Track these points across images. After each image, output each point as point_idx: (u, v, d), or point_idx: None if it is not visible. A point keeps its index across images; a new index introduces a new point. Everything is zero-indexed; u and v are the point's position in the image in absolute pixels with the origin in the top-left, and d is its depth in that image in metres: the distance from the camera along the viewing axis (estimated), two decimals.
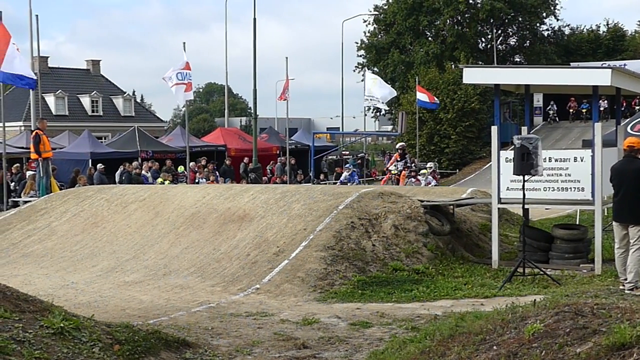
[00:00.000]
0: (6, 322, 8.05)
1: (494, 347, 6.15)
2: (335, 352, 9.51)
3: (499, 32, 63.26)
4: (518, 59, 64.86)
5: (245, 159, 38.74)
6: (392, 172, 28.68)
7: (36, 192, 23.78)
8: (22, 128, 52.65)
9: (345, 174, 29.71)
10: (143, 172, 31.25)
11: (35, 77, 23.61)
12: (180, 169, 30.85)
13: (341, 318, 11.53)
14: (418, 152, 47.87)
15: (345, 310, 12.14)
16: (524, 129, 17.08)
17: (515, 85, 18.58)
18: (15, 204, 24.08)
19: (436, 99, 45.33)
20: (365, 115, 62.26)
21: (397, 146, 30.01)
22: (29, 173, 26.33)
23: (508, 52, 65.17)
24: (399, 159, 28.32)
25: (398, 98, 57.49)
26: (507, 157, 15.61)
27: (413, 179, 27.46)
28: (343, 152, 47.00)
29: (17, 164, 29.72)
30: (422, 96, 44.31)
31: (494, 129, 16.22)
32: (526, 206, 15.29)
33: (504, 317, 6.88)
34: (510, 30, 64.96)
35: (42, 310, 8.72)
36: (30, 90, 23.52)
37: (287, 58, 44.89)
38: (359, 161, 44.49)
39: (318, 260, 14.60)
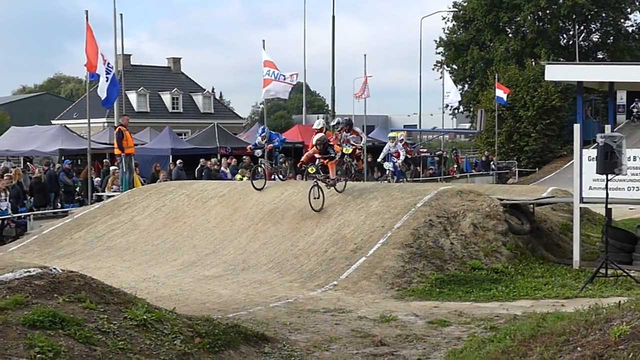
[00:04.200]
0: (92, 313, 8.27)
1: (578, 349, 6.04)
2: (413, 350, 9.48)
3: (581, 28, 61.90)
4: (601, 56, 63.31)
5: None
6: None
7: (119, 187, 24.30)
8: (105, 124, 53.83)
9: (388, 165, 24.22)
10: (222, 168, 31.61)
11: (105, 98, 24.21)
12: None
13: (419, 316, 11.48)
14: (497, 150, 47.23)
15: (423, 309, 12.09)
16: (607, 127, 16.69)
17: (599, 83, 18.21)
18: (99, 199, 24.65)
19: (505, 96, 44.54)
20: (444, 112, 61.74)
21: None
22: (112, 168, 26.91)
23: (590, 48, 63.69)
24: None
25: (477, 95, 56.82)
26: (589, 156, 15.30)
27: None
28: (420, 150, 46.65)
29: (106, 160, 30.41)
30: (501, 93, 43.72)
31: (577, 127, 15.91)
32: (609, 206, 14.95)
33: (588, 319, 6.74)
34: (593, 26, 63.48)
35: (125, 302, 8.92)
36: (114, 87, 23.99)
37: (365, 55, 44.85)
38: (437, 159, 44.11)
39: (396, 257, 14.56)
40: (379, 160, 22.43)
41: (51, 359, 7.22)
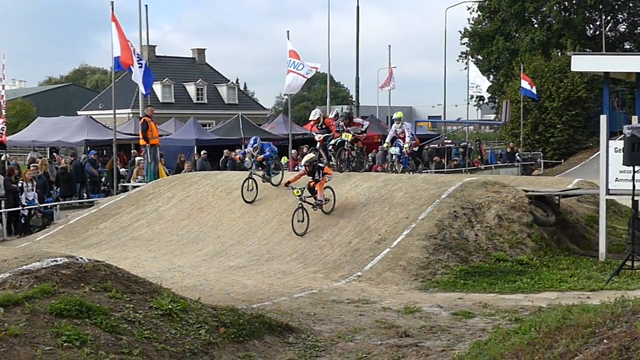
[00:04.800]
0: (118, 302, 8.34)
1: (604, 341, 6.00)
2: (437, 341, 9.47)
3: (608, 18, 61.29)
4: (628, 46, 62.63)
5: None
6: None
7: (144, 177, 24.44)
8: (131, 115, 54.13)
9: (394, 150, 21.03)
10: (246, 159, 31.63)
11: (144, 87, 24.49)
12: (284, 160, 31.14)
13: (443, 307, 11.47)
14: (522, 141, 46.95)
15: (447, 300, 12.07)
16: (635, 119, 16.54)
17: (626, 73, 18.02)
18: (125, 189, 24.80)
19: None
20: (468, 103, 61.43)
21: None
22: (137, 159, 27.07)
23: (617, 39, 63.04)
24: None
25: (502, 86, 56.41)
26: (616, 147, 15.16)
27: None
28: (445, 141, 46.45)
29: (134, 151, 30.61)
30: (526, 84, 43.43)
31: (603, 118, 15.77)
32: (636, 197, 14.82)
33: (614, 311, 6.70)
34: (620, 16, 62.83)
35: (151, 292, 8.98)
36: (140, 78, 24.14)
37: (389, 46, 44.77)
38: (462, 150, 43.90)
39: (420, 249, 14.54)
40: (384, 145, 21.61)
41: (78, 347, 7.29)
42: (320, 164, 17.60)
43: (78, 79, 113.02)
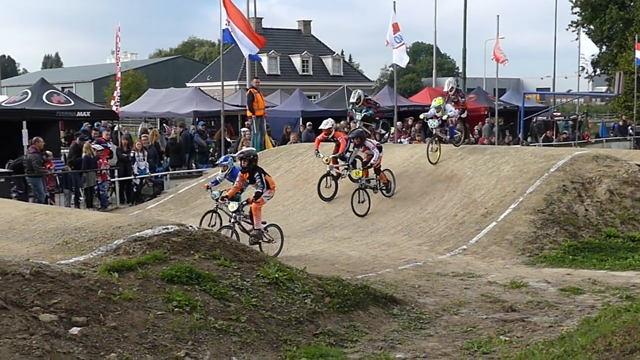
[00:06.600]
0: (226, 270, 8.53)
1: None
2: (545, 317, 9.30)
3: None
4: None
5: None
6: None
7: (248, 148, 24.77)
8: (237, 87, 54.81)
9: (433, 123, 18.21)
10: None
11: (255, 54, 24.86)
12: (393, 129, 31.03)
13: (550, 283, 11.25)
14: (636, 114, 45.37)
15: (555, 275, 11.83)
16: None
17: None
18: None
19: None
20: (579, 75, 59.72)
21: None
22: (242, 130, 27.46)
23: None
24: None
25: (615, 57, 54.58)
26: None
27: None
28: (554, 114, 45.31)
29: (248, 122, 31.13)
30: None
31: None
32: None
33: None
34: None
35: (258, 260, 9.15)
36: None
37: (498, 16, 43.68)
38: (571, 123, 42.78)
39: (527, 223, 14.29)
40: (421, 116, 18.68)
41: (188, 312, 7.51)
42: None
43: (187, 51, 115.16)
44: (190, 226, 9.43)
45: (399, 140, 30.89)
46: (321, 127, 18.24)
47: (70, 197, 20.83)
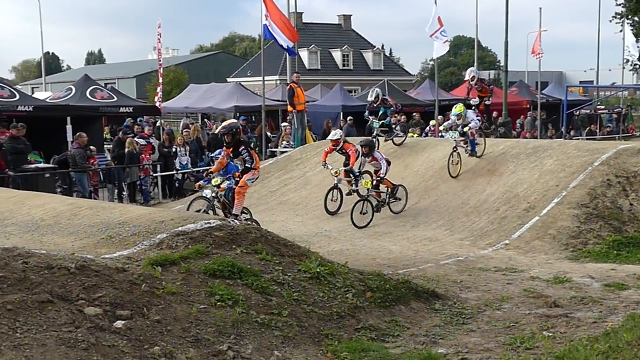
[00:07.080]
0: (267, 264, 8.56)
1: None
2: (589, 312, 9.19)
3: None
4: None
5: (494, 113, 38.03)
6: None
7: (288, 142, 24.84)
8: (278, 82, 55.02)
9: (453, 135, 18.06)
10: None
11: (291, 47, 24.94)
12: (432, 122, 30.92)
13: (594, 278, 11.11)
14: None
15: (599, 271, 11.69)
16: None
17: None
18: (273, 154, 25.31)
19: None
20: (624, 68, 58.81)
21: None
22: (283, 124, 27.54)
23: None
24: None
25: None
26: None
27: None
28: (597, 107, 44.76)
29: (289, 116, 31.20)
30: None
31: None
32: None
33: None
34: None
35: (299, 255, 9.16)
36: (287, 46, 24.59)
37: (540, 9, 43.20)
38: (615, 116, 42.20)
39: (571, 217, 14.14)
40: (441, 128, 18.59)
41: (230, 306, 7.54)
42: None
43: (227, 46, 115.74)
44: (233, 220, 9.48)
45: (439, 135, 30.76)
46: (329, 137, 17.79)
47: (114, 192, 21.09)
